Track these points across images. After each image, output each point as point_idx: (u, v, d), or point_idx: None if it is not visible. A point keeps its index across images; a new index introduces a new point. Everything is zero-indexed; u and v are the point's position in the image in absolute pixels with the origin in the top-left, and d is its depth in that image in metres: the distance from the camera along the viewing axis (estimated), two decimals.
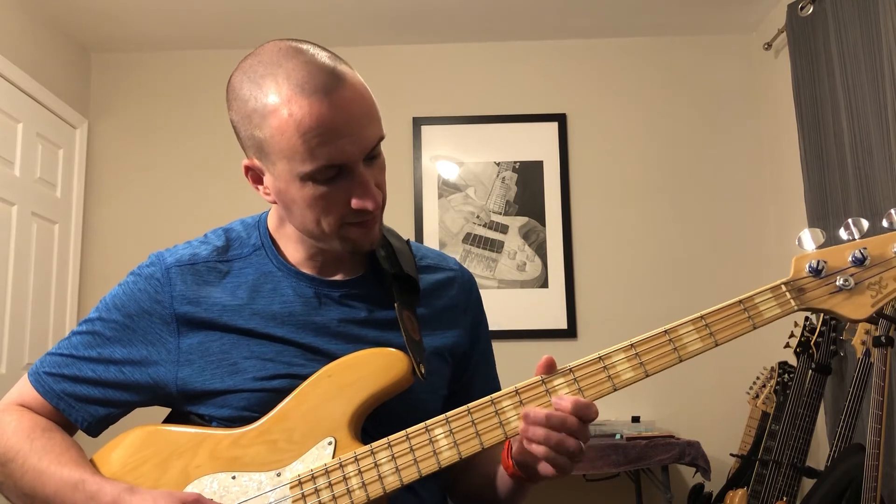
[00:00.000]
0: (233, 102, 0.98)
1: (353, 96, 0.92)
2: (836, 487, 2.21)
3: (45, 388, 1.03)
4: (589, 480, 3.15)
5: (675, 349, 0.92)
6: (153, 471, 0.97)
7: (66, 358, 1.04)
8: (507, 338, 3.33)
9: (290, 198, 0.96)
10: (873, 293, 0.91)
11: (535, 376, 0.94)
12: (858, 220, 0.94)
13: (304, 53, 0.94)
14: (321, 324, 1.02)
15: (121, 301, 1.05)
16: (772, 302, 0.93)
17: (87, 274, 3.51)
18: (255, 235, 1.09)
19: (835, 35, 2.73)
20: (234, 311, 1.02)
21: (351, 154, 0.92)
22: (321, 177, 0.93)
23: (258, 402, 0.98)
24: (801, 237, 0.94)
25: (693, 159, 3.55)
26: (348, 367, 0.98)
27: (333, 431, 0.95)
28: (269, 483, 0.94)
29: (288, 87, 0.91)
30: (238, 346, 1.00)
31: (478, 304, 1.19)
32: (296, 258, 1.06)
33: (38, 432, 1.00)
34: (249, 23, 3.39)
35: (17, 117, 3.05)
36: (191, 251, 1.07)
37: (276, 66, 0.93)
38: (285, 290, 1.04)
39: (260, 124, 0.93)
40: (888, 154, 2.40)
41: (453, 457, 0.92)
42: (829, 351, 2.56)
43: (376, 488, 0.92)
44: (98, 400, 1.03)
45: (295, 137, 0.90)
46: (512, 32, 3.57)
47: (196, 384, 1.00)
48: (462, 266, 1.20)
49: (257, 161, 0.98)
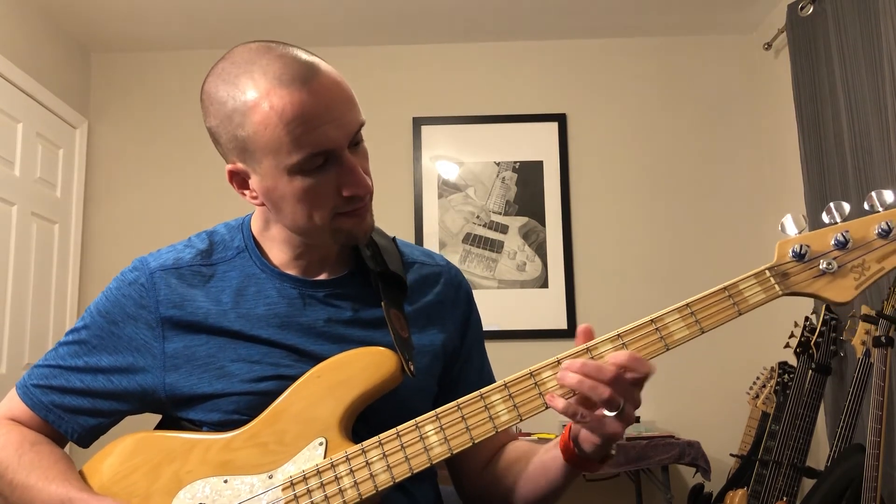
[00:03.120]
0: (209, 108, 0.96)
1: (330, 83, 0.92)
2: (836, 487, 2.21)
3: (34, 401, 1.03)
4: (589, 480, 3.15)
5: (662, 337, 0.92)
6: (145, 478, 0.96)
7: (54, 369, 1.03)
8: (507, 338, 3.33)
9: (279, 195, 0.95)
10: (856, 276, 0.91)
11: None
12: (840, 203, 0.94)
13: (276, 49, 0.94)
14: (306, 324, 1.02)
15: (105, 308, 1.04)
16: (756, 288, 0.92)
17: (87, 274, 3.52)
18: (239, 238, 1.08)
19: (835, 35, 2.73)
20: (220, 315, 1.01)
21: (336, 139, 0.92)
22: (309, 166, 0.92)
23: (247, 405, 0.98)
24: (784, 222, 0.95)
25: (693, 159, 3.55)
26: (337, 367, 0.97)
27: (324, 432, 0.95)
28: (262, 485, 0.94)
29: (265, 81, 0.90)
30: (225, 349, 1.00)
31: (467, 298, 1.17)
32: (280, 260, 1.06)
33: (27, 447, 0.99)
34: (249, 23, 3.39)
35: (17, 117, 3.05)
36: (174, 255, 1.06)
37: (250, 64, 0.92)
38: (269, 291, 1.03)
39: (241, 123, 0.92)
40: (888, 154, 2.40)
41: (444, 453, 0.92)
42: (829, 351, 2.56)
43: (368, 487, 0.92)
44: (87, 410, 1.02)
45: (279, 129, 0.90)
46: (512, 32, 3.57)
47: (184, 389, 0.99)
48: (449, 262, 1.19)
49: (241, 164, 0.97)
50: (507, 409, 0.92)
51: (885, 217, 0.92)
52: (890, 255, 0.91)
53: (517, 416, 0.92)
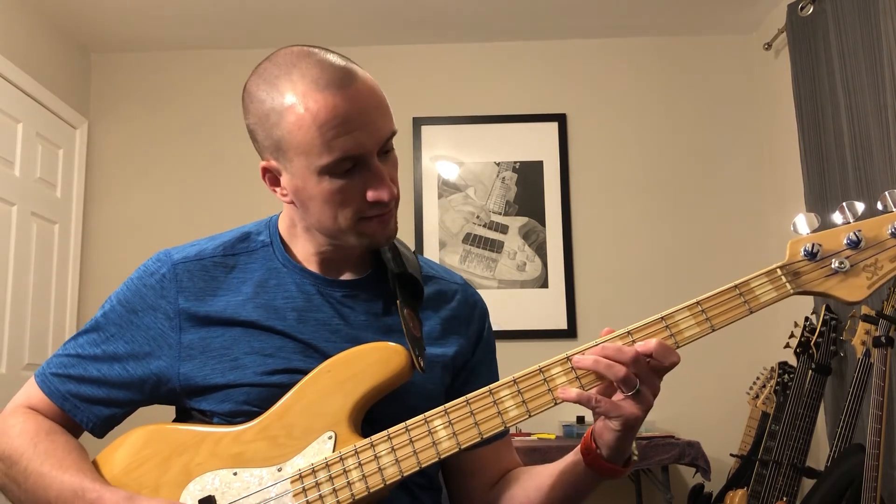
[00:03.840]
0: (249, 106, 1.00)
1: (365, 90, 0.96)
2: (836, 487, 2.21)
3: (51, 389, 1.04)
4: None
5: (672, 335, 0.93)
6: (155, 469, 0.97)
7: (72, 358, 1.05)
8: (507, 338, 3.32)
9: (308, 194, 0.98)
10: (869, 275, 0.91)
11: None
12: (853, 203, 0.94)
13: (316, 55, 0.97)
14: (322, 321, 1.04)
15: (126, 297, 1.06)
16: (768, 286, 0.93)
17: (87, 274, 3.51)
18: (266, 233, 1.11)
19: (835, 35, 2.73)
20: (238, 305, 1.03)
21: (366, 145, 0.95)
22: (338, 169, 0.95)
23: (259, 396, 0.99)
24: (796, 221, 0.95)
25: (693, 160, 3.55)
26: (347, 362, 0.98)
27: (333, 426, 0.96)
28: (271, 478, 0.95)
29: (303, 84, 0.94)
30: (239, 341, 1.01)
31: (482, 317, 1.19)
32: (303, 256, 1.08)
33: (42, 435, 1.01)
34: (250, 23, 3.39)
35: (17, 117, 3.05)
36: (198, 248, 1.09)
37: (290, 67, 0.96)
38: (289, 286, 1.05)
39: (277, 122, 0.95)
40: (888, 154, 2.40)
41: (452, 447, 0.92)
42: (829, 351, 2.56)
43: (376, 480, 0.92)
44: (102, 400, 1.04)
45: (312, 131, 0.93)
46: (512, 32, 3.57)
47: (198, 379, 1.01)
48: (467, 283, 1.21)
49: (274, 161, 1.00)
50: (516, 404, 0.93)
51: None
52: None
53: (526, 411, 0.93)
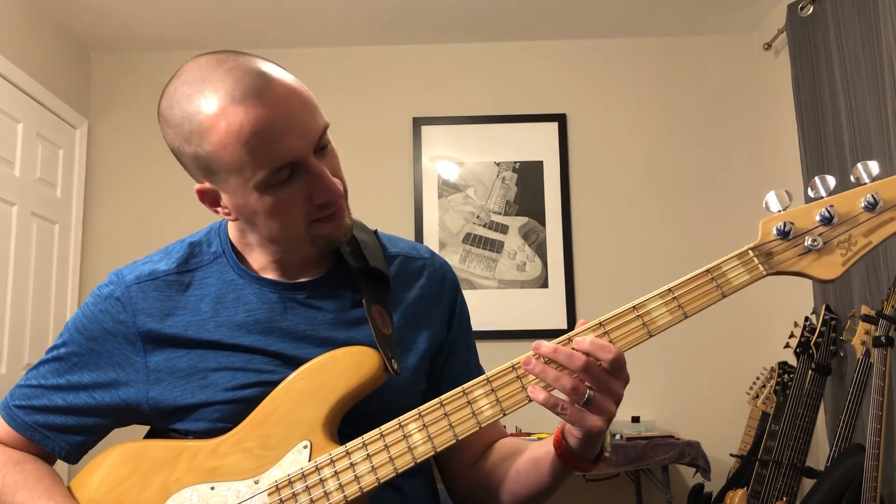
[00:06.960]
0: (168, 130, 0.94)
1: (285, 91, 0.89)
2: (836, 487, 2.21)
3: (18, 422, 1.02)
4: (589, 480, 3.15)
5: (644, 324, 0.90)
6: (133, 488, 0.96)
7: (35, 389, 1.02)
8: (507, 338, 3.33)
9: (251, 210, 0.93)
10: (843, 251, 0.88)
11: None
12: (824, 177, 0.90)
13: (226, 62, 0.90)
14: (288, 329, 1.00)
15: (83, 324, 1.03)
16: (740, 269, 0.90)
17: (87, 274, 3.52)
18: (217, 242, 1.06)
19: (835, 35, 2.73)
20: (199, 325, 1.00)
21: (298, 149, 0.89)
22: (275, 180, 0.90)
23: (231, 412, 0.97)
24: (768, 199, 0.91)
25: (693, 159, 3.55)
26: (319, 369, 0.96)
27: (308, 435, 0.94)
28: (248, 491, 0.93)
29: (218, 99, 0.88)
30: (206, 358, 0.98)
31: (452, 290, 1.14)
32: (259, 264, 1.04)
33: (10, 467, 0.99)
34: (249, 23, 3.39)
35: (17, 117, 3.05)
36: (150, 266, 1.04)
37: (200, 83, 0.90)
38: (249, 297, 1.01)
39: (200, 143, 0.90)
40: (888, 154, 2.40)
41: (428, 451, 0.91)
42: (828, 351, 2.56)
43: (353, 489, 0.91)
44: (72, 428, 1.02)
45: (238, 147, 0.87)
46: (512, 32, 3.57)
47: (168, 401, 0.98)
48: (434, 253, 1.15)
49: (208, 183, 0.95)
50: (490, 403, 0.90)
51: (870, 189, 0.87)
52: (877, 228, 0.87)
53: (500, 410, 0.90)
